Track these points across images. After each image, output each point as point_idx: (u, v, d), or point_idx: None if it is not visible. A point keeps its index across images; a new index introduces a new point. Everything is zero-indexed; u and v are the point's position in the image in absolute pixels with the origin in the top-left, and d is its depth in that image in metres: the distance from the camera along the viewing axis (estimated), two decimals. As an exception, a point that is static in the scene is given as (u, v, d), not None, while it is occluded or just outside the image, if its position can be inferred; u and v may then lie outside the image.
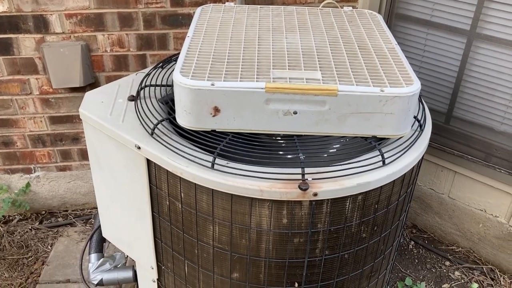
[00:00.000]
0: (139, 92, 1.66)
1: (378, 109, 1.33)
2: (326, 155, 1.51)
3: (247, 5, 1.90)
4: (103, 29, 2.34)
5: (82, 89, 2.46)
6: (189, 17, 2.34)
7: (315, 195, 1.27)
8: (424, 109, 1.65)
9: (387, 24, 2.36)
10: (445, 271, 2.54)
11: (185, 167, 1.33)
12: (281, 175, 1.29)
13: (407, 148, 1.44)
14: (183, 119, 1.39)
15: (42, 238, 2.70)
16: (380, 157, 1.37)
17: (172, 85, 1.44)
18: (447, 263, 2.58)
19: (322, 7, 1.98)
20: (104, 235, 1.95)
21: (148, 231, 1.62)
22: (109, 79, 2.46)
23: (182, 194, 1.41)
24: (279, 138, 1.53)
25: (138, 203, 1.59)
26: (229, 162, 1.33)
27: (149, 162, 1.45)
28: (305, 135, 1.42)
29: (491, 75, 2.22)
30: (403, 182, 1.46)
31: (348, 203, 1.34)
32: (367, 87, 1.32)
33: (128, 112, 1.58)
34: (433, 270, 2.55)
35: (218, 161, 1.33)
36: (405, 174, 1.44)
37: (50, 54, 2.32)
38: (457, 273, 2.53)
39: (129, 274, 1.98)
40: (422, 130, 1.54)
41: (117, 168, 1.59)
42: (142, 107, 1.58)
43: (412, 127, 1.51)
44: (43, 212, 2.89)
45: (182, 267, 1.60)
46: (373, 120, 1.35)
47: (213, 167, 1.31)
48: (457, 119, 2.40)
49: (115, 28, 2.34)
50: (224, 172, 1.30)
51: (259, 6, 1.90)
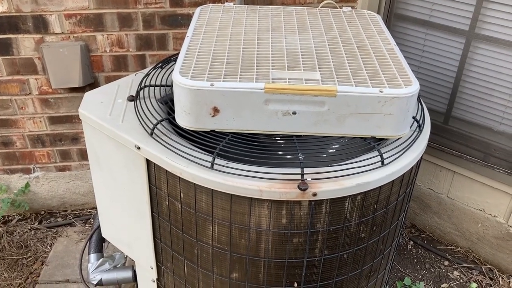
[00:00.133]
0: (138, 92, 1.66)
1: (377, 110, 1.33)
2: (325, 156, 1.52)
3: (246, 5, 1.90)
4: (103, 30, 2.34)
5: (81, 89, 2.46)
6: (189, 17, 2.34)
7: (314, 195, 1.28)
8: (423, 109, 1.66)
9: (386, 24, 2.36)
10: (444, 271, 2.54)
11: (184, 167, 1.33)
12: (280, 175, 1.29)
13: (406, 148, 1.44)
14: (183, 119, 1.39)
15: (41, 238, 2.69)
16: (379, 157, 1.37)
17: (171, 85, 1.44)
18: (446, 263, 2.59)
19: (321, 7, 1.98)
20: (103, 235, 1.95)
21: (147, 231, 1.62)
22: (109, 79, 2.46)
23: (181, 194, 1.41)
24: (279, 138, 1.53)
25: (137, 203, 1.59)
26: (228, 162, 1.34)
27: (148, 162, 1.46)
28: (304, 136, 1.42)
29: (489, 75, 2.22)
30: (402, 182, 1.47)
31: (347, 203, 1.35)
32: (366, 88, 1.32)
33: (127, 112, 1.58)
34: (432, 270, 2.55)
35: (217, 161, 1.33)
36: (404, 174, 1.44)
37: (49, 54, 2.32)
38: (456, 273, 2.53)
39: (128, 274, 1.98)
40: (421, 130, 1.55)
41: (117, 168, 1.59)
42: (141, 107, 1.58)
43: (411, 127, 1.51)
44: (43, 212, 2.88)
45: (181, 267, 1.60)
46: (372, 120, 1.36)
47: (212, 167, 1.32)
48: (456, 119, 2.41)
49: (114, 28, 2.34)
50: (223, 172, 1.30)
51: (258, 6, 1.90)
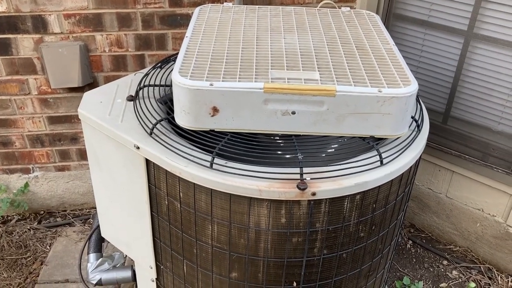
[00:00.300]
0: (137, 92, 1.66)
1: (376, 110, 1.34)
2: (324, 155, 1.52)
3: (245, 5, 1.91)
4: (102, 29, 2.34)
5: (80, 89, 2.46)
6: (188, 17, 2.34)
7: (314, 194, 1.28)
8: (421, 109, 1.66)
9: (384, 24, 2.36)
10: (442, 270, 2.55)
11: (184, 166, 1.33)
12: (279, 175, 1.29)
13: (405, 148, 1.45)
14: (182, 119, 1.39)
15: (40, 238, 2.69)
16: (378, 157, 1.37)
17: (170, 85, 1.44)
18: (445, 262, 2.59)
19: (320, 7, 1.98)
20: (103, 235, 1.95)
21: (147, 230, 1.63)
22: (108, 79, 2.46)
23: (181, 193, 1.41)
24: (278, 138, 1.53)
25: (137, 203, 1.59)
26: (227, 162, 1.34)
27: (148, 162, 1.46)
28: (303, 135, 1.43)
29: (488, 75, 2.22)
30: (401, 181, 1.47)
31: (346, 203, 1.35)
32: (365, 88, 1.32)
33: (127, 112, 1.58)
34: (431, 269, 2.56)
35: (216, 160, 1.33)
36: (403, 173, 1.44)
37: (48, 54, 2.32)
38: (454, 272, 2.53)
39: (128, 273, 1.99)
40: (419, 130, 1.55)
41: (116, 168, 1.59)
42: (141, 107, 1.58)
43: (409, 127, 1.52)
44: (42, 212, 2.88)
45: (181, 266, 1.60)
46: (371, 120, 1.36)
47: (211, 167, 1.32)
48: (455, 119, 2.41)
49: (113, 28, 2.34)
50: (223, 171, 1.31)
51: (257, 6, 1.91)
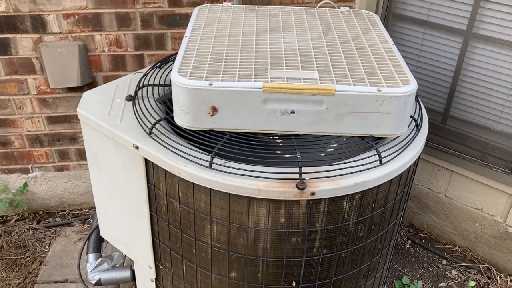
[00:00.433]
0: (137, 92, 1.66)
1: (375, 109, 1.34)
2: (323, 155, 1.52)
3: (245, 5, 1.91)
4: (101, 29, 2.34)
5: (79, 89, 2.46)
6: (187, 17, 2.34)
7: (313, 194, 1.28)
8: (420, 108, 1.66)
9: (384, 24, 2.36)
10: (442, 270, 2.55)
11: (183, 166, 1.33)
12: (278, 175, 1.29)
13: (404, 147, 1.45)
14: (181, 119, 1.39)
15: (40, 238, 2.69)
16: (377, 156, 1.37)
17: (170, 85, 1.44)
18: (444, 262, 2.59)
19: (319, 7, 1.98)
20: (102, 235, 1.95)
21: (146, 230, 1.63)
22: (107, 79, 2.46)
23: (180, 193, 1.41)
24: (277, 137, 1.53)
25: (136, 203, 1.59)
26: (227, 161, 1.34)
27: (147, 161, 1.46)
28: (302, 135, 1.43)
29: (487, 75, 2.22)
30: (400, 181, 1.47)
31: (345, 202, 1.35)
32: (364, 87, 1.32)
33: (126, 112, 1.58)
34: (430, 269, 2.56)
35: (216, 160, 1.33)
36: (402, 173, 1.44)
37: (47, 54, 2.32)
38: (454, 272, 2.54)
39: (127, 273, 1.98)
40: (418, 129, 1.55)
41: (115, 168, 1.59)
42: (140, 107, 1.58)
43: (409, 126, 1.52)
44: (41, 212, 2.88)
45: (180, 266, 1.60)
46: (370, 119, 1.36)
47: (211, 167, 1.32)
48: (454, 118, 2.41)
49: (112, 28, 2.34)
50: (222, 171, 1.31)
51: (257, 6, 1.91)
